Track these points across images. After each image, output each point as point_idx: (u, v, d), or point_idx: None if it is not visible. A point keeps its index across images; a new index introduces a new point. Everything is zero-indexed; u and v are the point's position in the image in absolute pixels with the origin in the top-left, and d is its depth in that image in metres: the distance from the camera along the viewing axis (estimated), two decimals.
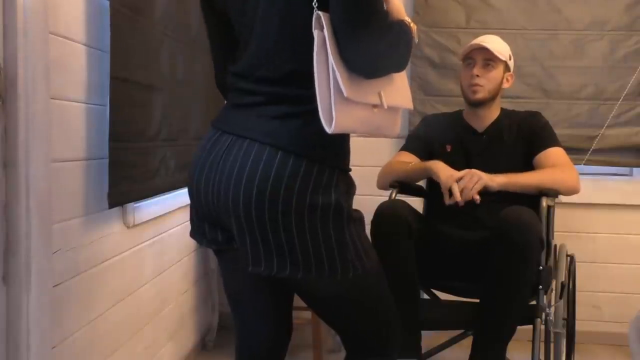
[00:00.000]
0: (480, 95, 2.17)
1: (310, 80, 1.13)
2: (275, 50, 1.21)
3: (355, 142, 1.32)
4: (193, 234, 1.38)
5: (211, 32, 1.38)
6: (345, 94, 1.12)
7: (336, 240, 1.21)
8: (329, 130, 1.12)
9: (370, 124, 1.19)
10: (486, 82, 2.16)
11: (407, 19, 1.24)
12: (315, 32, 1.12)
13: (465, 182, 1.93)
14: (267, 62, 1.22)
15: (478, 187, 1.92)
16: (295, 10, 1.17)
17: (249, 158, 1.18)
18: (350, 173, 1.29)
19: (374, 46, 1.13)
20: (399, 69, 1.23)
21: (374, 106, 1.19)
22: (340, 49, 1.12)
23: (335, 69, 1.11)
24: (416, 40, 1.26)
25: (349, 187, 1.26)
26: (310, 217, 1.18)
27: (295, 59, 1.20)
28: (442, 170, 2.00)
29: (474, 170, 1.96)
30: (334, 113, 1.12)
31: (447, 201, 1.95)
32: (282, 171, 1.16)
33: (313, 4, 1.12)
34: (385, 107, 1.20)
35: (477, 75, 2.14)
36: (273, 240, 1.18)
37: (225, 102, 1.37)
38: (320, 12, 1.12)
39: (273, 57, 1.21)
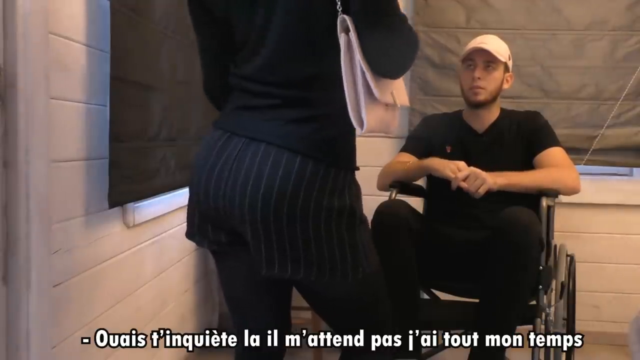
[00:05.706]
0: (482, 97, 2.17)
1: (327, 84, 1.15)
2: (294, 54, 1.20)
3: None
4: (191, 235, 1.36)
5: (205, 38, 1.34)
6: (376, 96, 1.14)
7: (349, 242, 1.22)
8: (361, 131, 1.15)
9: (384, 122, 1.21)
10: (487, 84, 2.16)
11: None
12: (341, 36, 1.12)
13: (468, 185, 1.94)
14: (283, 65, 1.21)
15: (482, 191, 1.93)
16: (316, 14, 1.16)
17: (268, 162, 1.17)
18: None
19: (396, 43, 1.15)
20: (409, 67, 1.25)
21: (386, 105, 1.20)
22: (364, 50, 1.12)
23: (365, 70, 1.12)
24: None
25: (359, 189, 1.28)
26: (327, 220, 1.18)
27: (313, 63, 1.20)
28: (440, 164, 2.04)
29: (477, 171, 1.96)
30: (363, 114, 1.14)
31: (454, 187, 1.98)
32: (302, 175, 1.16)
33: (337, 7, 1.12)
34: (398, 105, 1.22)
35: (479, 78, 2.15)
36: (289, 245, 1.18)
37: (219, 104, 1.36)
38: (345, 16, 1.12)
39: (290, 60, 1.20)
